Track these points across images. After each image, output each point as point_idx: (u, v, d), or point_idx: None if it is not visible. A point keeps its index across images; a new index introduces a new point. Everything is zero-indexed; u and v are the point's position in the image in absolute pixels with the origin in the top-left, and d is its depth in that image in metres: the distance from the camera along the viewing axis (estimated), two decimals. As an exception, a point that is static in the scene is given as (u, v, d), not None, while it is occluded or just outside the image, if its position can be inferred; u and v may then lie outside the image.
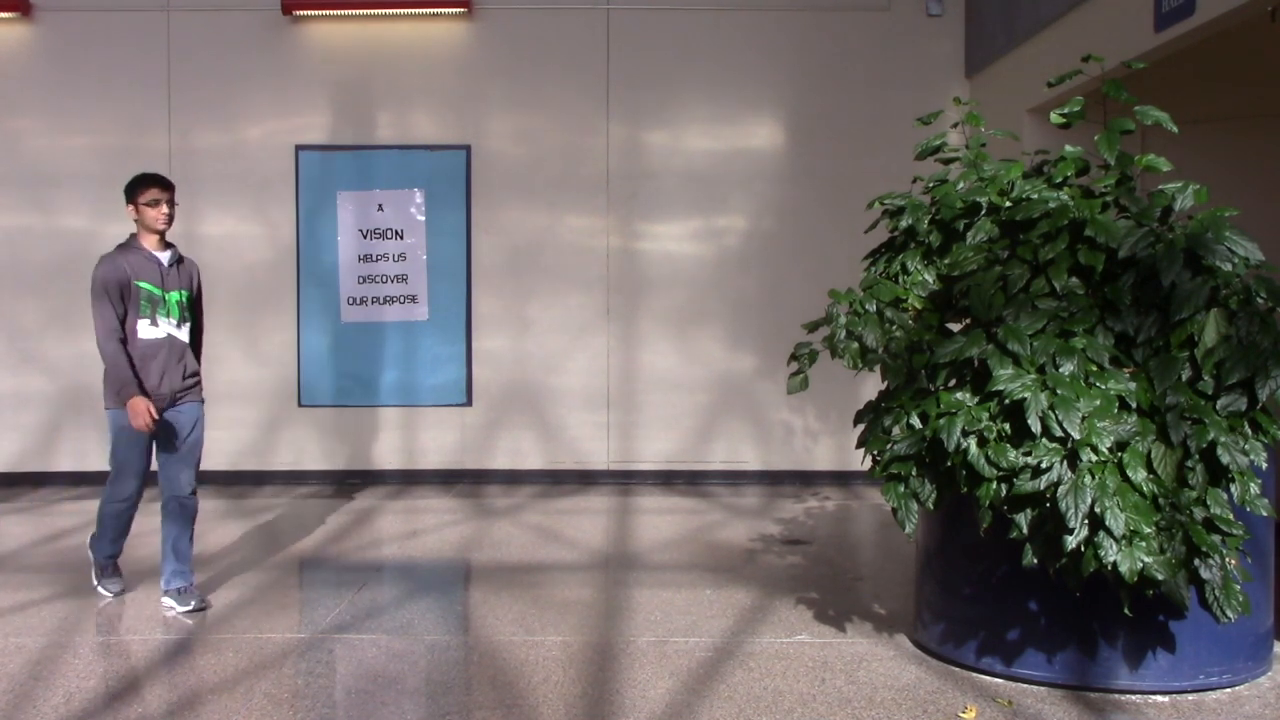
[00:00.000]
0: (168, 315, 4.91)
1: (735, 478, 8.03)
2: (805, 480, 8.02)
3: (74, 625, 4.66)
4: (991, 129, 4.47)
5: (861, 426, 4.12)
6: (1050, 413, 3.49)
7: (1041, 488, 3.50)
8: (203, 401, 5.11)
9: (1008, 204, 4.04)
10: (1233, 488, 3.53)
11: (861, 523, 6.89)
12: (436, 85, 8.10)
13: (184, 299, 4.99)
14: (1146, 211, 3.85)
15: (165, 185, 4.90)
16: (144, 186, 4.87)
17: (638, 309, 8.11)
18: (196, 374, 5.09)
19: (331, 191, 8.10)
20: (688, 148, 8.13)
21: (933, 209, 4.23)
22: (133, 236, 4.96)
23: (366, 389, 8.14)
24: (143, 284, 4.86)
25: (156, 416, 4.74)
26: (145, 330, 4.88)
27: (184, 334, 4.98)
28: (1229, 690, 3.86)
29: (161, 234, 4.92)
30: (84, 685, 3.95)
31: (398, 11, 8.03)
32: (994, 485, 3.59)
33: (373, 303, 8.10)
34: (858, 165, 7.85)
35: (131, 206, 4.90)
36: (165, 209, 4.87)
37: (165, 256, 4.95)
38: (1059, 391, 3.50)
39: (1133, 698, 3.78)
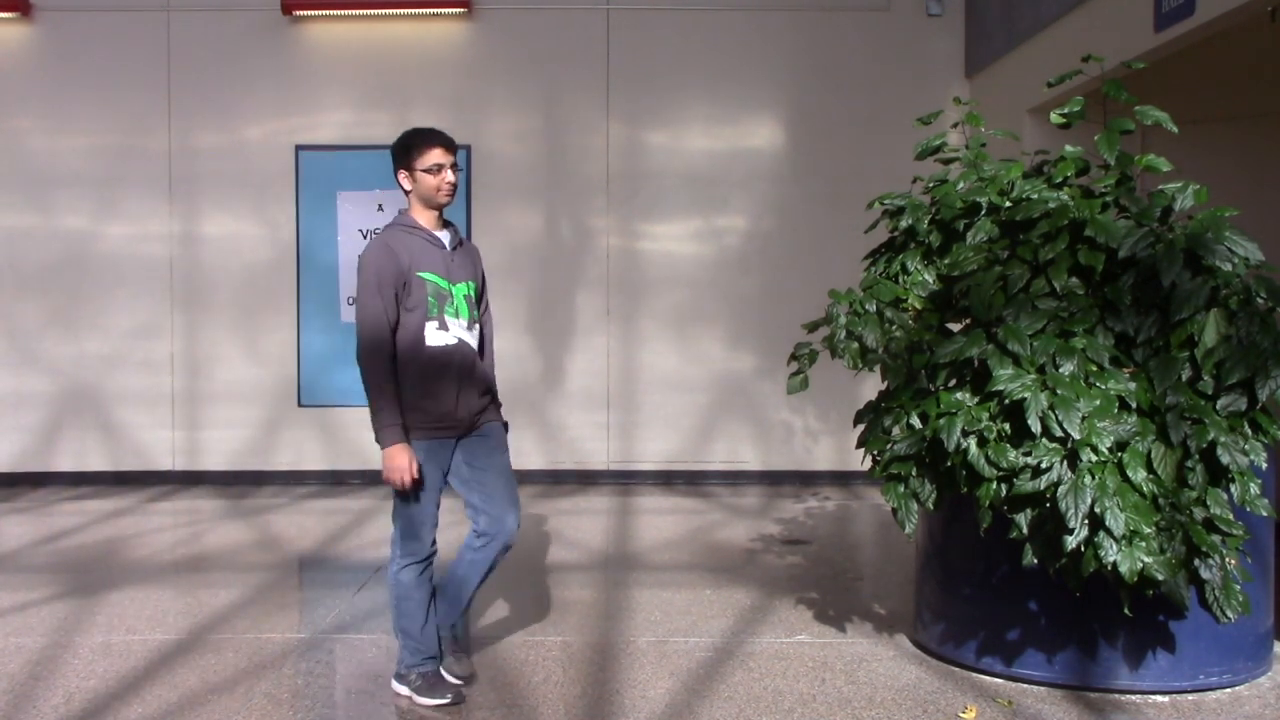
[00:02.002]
0: (456, 315, 3.73)
1: (735, 478, 8.03)
2: (805, 480, 8.02)
3: (74, 625, 4.66)
4: (991, 129, 4.47)
5: (861, 426, 4.12)
6: (1050, 413, 3.49)
7: (1041, 488, 3.49)
8: (506, 422, 4.00)
9: (1008, 204, 4.04)
10: (1233, 488, 3.53)
11: (861, 523, 6.89)
12: (436, 85, 8.10)
13: (471, 293, 3.82)
14: (1146, 211, 3.85)
15: (450, 146, 3.79)
16: (424, 147, 3.74)
17: (638, 309, 8.11)
18: (493, 389, 3.96)
19: (331, 191, 8.09)
20: (688, 148, 8.13)
21: (933, 209, 4.23)
22: (403, 213, 3.81)
23: (366, 389, 8.12)
24: (427, 275, 3.68)
25: (417, 475, 3.62)
26: (434, 336, 3.68)
27: (474, 338, 3.81)
28: (1229, 690, 3.86)
29: (441, 209, 3.82)
30: (84, 685, 3.95)
31: (398, 11, 8.03)
32: (994, 485, 3.59)
33: (373, 303, 8.08)
34: (858, 165, 7.85)
35: (404, 173, 3.76)
36: (450, 176, 3.75)
37: (446, 238, 3.81)
38: (1059, 391, 3.50)
39: (1133, 698, 3.78)
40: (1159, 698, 3.78)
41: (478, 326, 3.84)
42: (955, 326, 4.10)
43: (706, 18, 8.07)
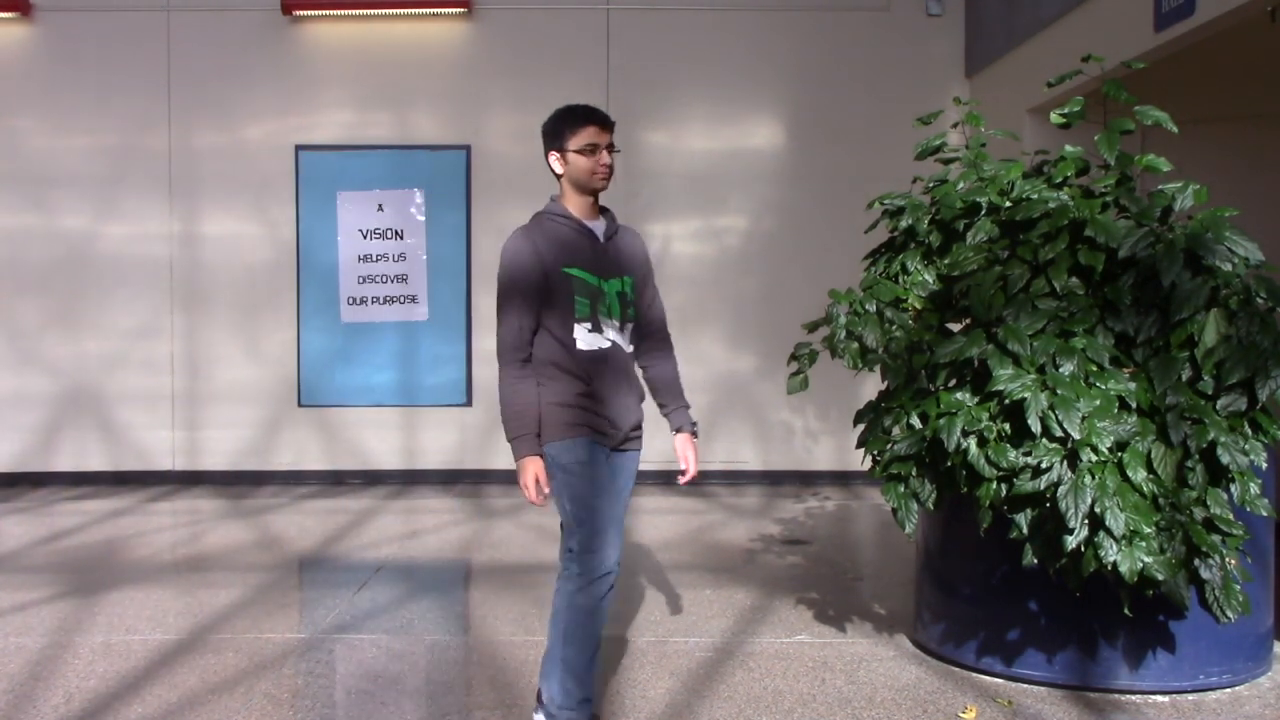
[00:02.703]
0: (609, 314, 3.32)
1: (735, 478, 8.03)
2: (805, 480, 8.02)
3: (74, 625, 4.66)
4: (991, 129, 4.47)
5: (861, 426, 4.12)
6: (1050, 413, 3.49)
7: (1041, 488, 3.49)
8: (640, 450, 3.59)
9: (1008, 204, 4.04)
10: (1233, 488, 3.53)
11: (861, 523, 6.89)
12: (436, 85, 8.10)
13: (626, 289, 3.38)
14: (1146, 211, 3.85)
15: (606, 124, 3.33)
16: (577, 125, 3.31)
17: (638, 309, 8.10)
18: (641, 405, 3.50)
19: (331, 191, 8.10)
20: (688, 148, 8.13)
21: (933, 209, 4.23)
22: (554, 200, 3.41)
23: (366, 389, 8.13)
24: (574, 271, 3.28)
25: (547, 492, 3.25)
26: (585, 339, 3.29)
27: (627, 341, 3.40)
28: (1229, 690, 3.86)
29: (596, 195, 3.39)
30: (84, 685, 3.95)
31: (398, 11, 8.03)
32: (994, 485, 3.59)
33: (373, 303, 8.10)
34: (857, 165, 7.84)
35: (555, 155, 3.36)
36: (607, 158, 3.32)
37: (600, 228, 3.40)
38: (1059, 391, 3.50)
39: (1133, 698, 3.78)
40: (1159, 698, 3.78)
41: (631, 327, 3.39)
42: (955, 326, 4.10)
43: (706, 18, 8.07)
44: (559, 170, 3.38)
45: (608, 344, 3.33)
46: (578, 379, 3.27)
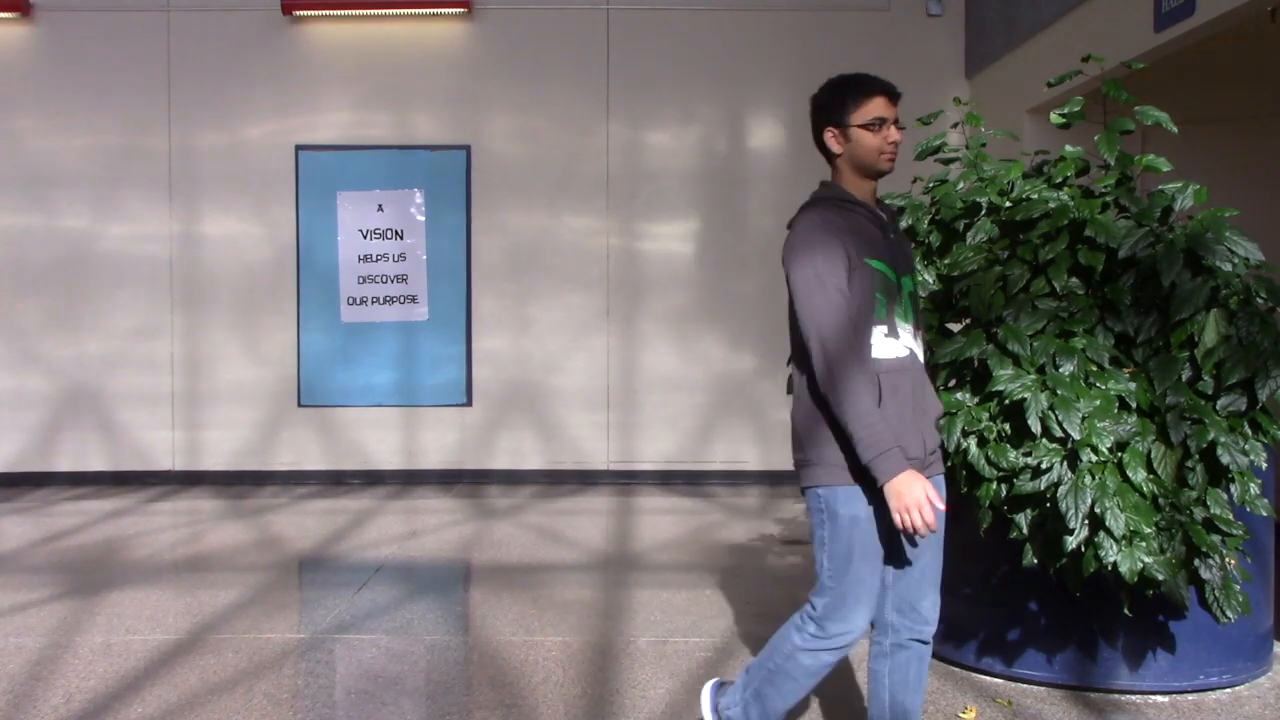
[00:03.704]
0: (904, 317, 2.87)
1: (735, 478, 8.03)
2: (805, 480, 8.00)
3: (74, 625, 4.66)
4: (991, 129, 4.47)
5: (861, 426, 4.11)
6: (1050, 413, 3.48)
7: (1041, 488, 3.49)
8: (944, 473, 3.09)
9: (1008, 204, 4.04)
10: (1233, 488, 3.53)
11: (861, 523, 6.89)
12: (436, 85, 8.10)
13: (915, 289, 2.97)
14: (1146, 211, 3.85)
15: (895, 95, 2.85)
16: (862, 96, 2.84)
17: (638, 309, 8.11)
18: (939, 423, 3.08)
19: (331, 191, 8.10)
20: (688, 148, 8.13)
21: (933, 209, 4.23)
22: (829, 184, 2.93)
23: (366, 389, 8.14)
24: (876, 264, 2.81)
25: (942, 508, 2.78)
26: (883, 346, 2.80)
27: (921, 349, 2.95)
28: (1229, 690, 3.86)
29: (878, 179, 2.92)
30: (84, 685, 3.95)
31: (398, 11, 8.03)
32: (994, 485, 3.59)
33: (373, 303, 8.10)
34: (858, 165, 7.83)
35: (833, 132, 2.87)
36: (895, 134, 2.84)
37: (884, 216, 2.95)
38: (1059, 392, 3.50)
39: (1133, 698, 3.78)
40: (1159, 698, 3.78)
41: (921, 334, 2.95)
42: (955, 326, 4.10)
43: (706, 18, 8.08)
44: (836, 150, 2.88)
45: (905, 352, 2.83)
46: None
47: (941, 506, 2.77)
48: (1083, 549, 3.44)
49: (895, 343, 2.81)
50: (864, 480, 2.74)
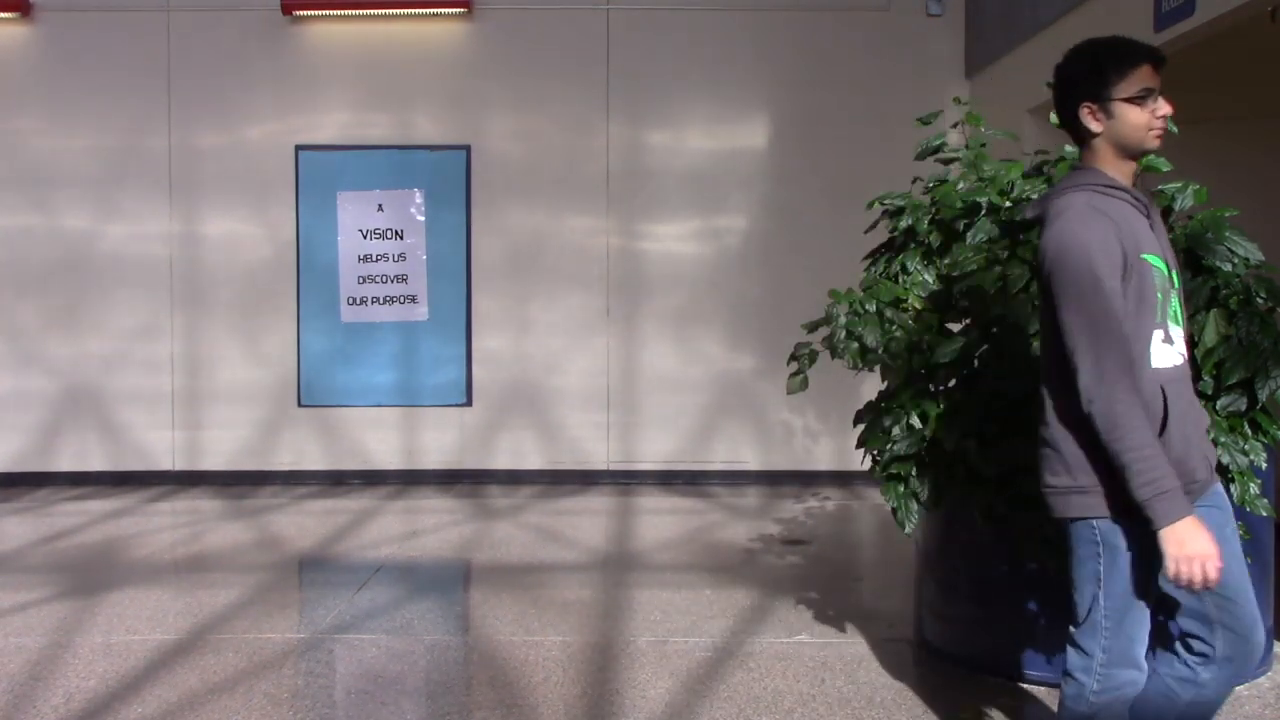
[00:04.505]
0: (1175, 319, 2.53)
1: (735, 478, 8.03)
2: (805, 480, 8.02)
3: (74, 625, 4.66)
4: (991, 129, 4.47)
5: (861, 426, 4.13)
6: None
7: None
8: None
9: (1008, 204, 4.04)
10: (1233, 488, 3.53)
11: (861, 523, 6.89)
12: (436, 85, 8.10)
13: (1181, 283, 2.63)
14: (1146, 211, 3.85)
15: (1161, 63, 2.51)
16: (1127, 65, 2.49)
17: (638, 309, 8.12)
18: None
19: (331, 191, 8.10)
20: (688, 148, 8.13)
21: (933, 209, 4.23)
22: (1085, 169, 2.56)
23: (366, 389, 8.14)
24: (1152, 259, 2.47)
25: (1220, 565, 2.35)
26: (1161, 353, 2.47)
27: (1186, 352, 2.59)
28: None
29: (1140, 160, 2.57)
30: (84, 685, 3.95)
31: (398, 11, 8.03)
32: (994, 485, 3.59)
33: (373, 303, 8.10)
34: (858, 165, 7.84)
35: (1091, 107, 2.50)
36: (1166, 108, 2.51)
37: (1146, 203, 2.56)
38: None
39: (1133, 698, 3.78)
40: (1159, 698, 3.78)
41: (1187, 334, 2.63)
42: (955, 326, 4.11)
43: (706, 17, 8.07)
44: (1095, 128, 2.50)
45: (1180, 359, 2.49)
46: (1150, 415, 2.38)
47: (1235, 541, 2.56)
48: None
49: (1170, 349, 2.47)
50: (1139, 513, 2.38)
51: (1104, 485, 2.43)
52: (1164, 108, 2.49)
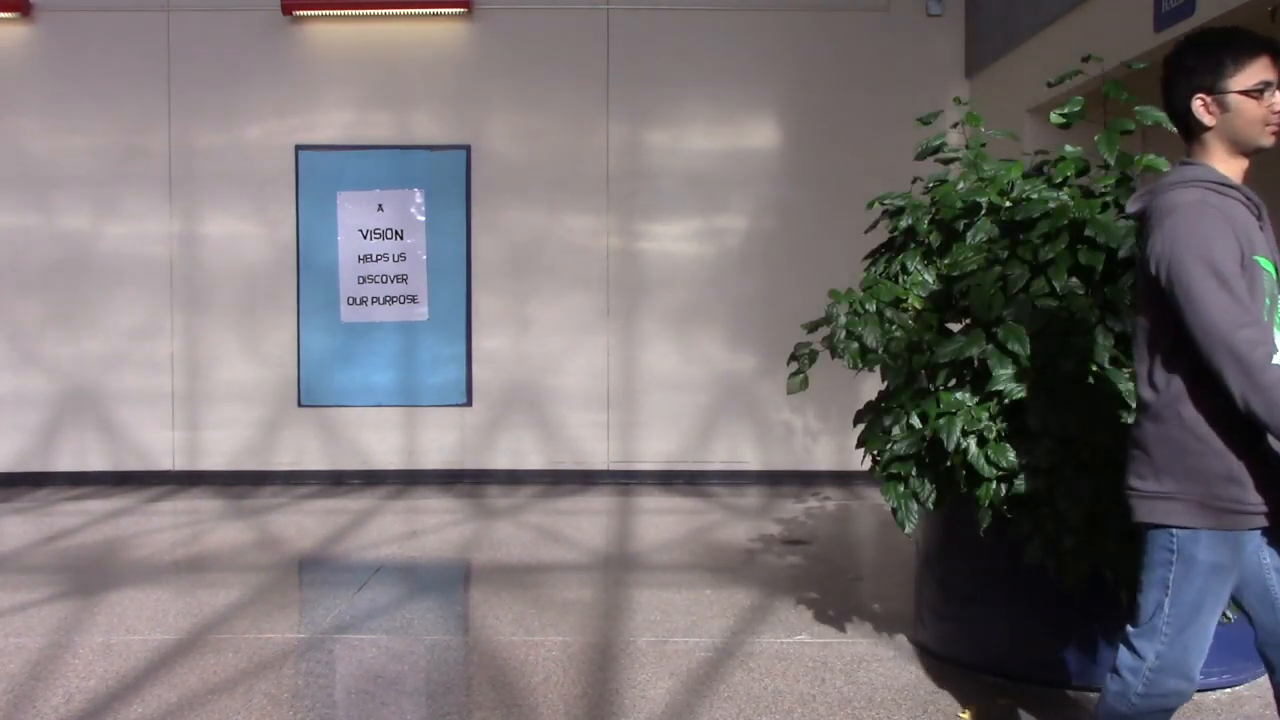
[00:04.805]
0: (1277, 324, 2.40)
1: (735, 478, 8.03)
2: (805, 480, 8.02)
3: (74, 625, 4.66)
4: (991, 129, 4.47)
5: (861, 426, 4.13)
6: (1050, 413, 3.48)
7: (1042, 488, 3.49)
8: None
9: (1008, 204, 4.04)
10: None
11: (861, 523, 6.89)
12: (436, 85, 8.10)
13: None
14: (1147, 211, 3.85)
15: (1278, 54, 2.42)
16: (1244, 56, 2.39)
17: (638, 309, 8.12)
18: None
19: (331, 191, 8.10)
20: (688, 148, 8.13)
21: (933, 209, 4.23)
22: (1192, 164, 2.46)
23: (366, 389, 8.14)
24: (1264, 261, 2.38)
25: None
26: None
27: None
28: (1229, 690, 3.86)
29: (1253, 157, 2.47)
30: (84, 685, 3.95)
31: (398, 11, 8.03)
32: (994, 485, 3.59)
33: (373, 303, 8.10)
34: (858, 165, 7.85)
35: (1205, 100, 2.42)
36: None
37: (1257, 203, 2.46)
38: (1059, 392, 3.50)
39: (1133, 698, 3.77)
40: (1159, 698, 3.77)
41: None
42: (955, 326, 4.11)
43: (706, 17, 8.08)
44: (1208, 121, 2.41)
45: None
46: (1242, 426, 2.29)
47: None
48: (1083, 548, 3.44)
49: (1275, 355, 2.29)
50: (1238, 525, 2.38)
51: (1190, 494, 2.38)
52: None
